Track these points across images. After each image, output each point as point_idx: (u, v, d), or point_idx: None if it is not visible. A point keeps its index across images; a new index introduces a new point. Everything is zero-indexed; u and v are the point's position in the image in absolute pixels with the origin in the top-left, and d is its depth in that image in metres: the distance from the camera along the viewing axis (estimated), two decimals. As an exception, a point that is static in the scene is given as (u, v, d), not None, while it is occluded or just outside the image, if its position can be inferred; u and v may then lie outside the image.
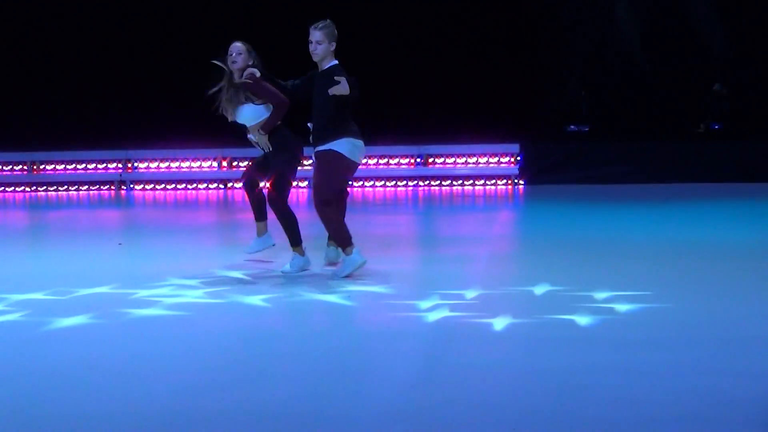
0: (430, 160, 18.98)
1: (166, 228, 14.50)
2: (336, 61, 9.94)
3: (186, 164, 19.09)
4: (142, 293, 9.16)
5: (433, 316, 8.20)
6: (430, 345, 7.46)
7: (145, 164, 19.17)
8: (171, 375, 6.74)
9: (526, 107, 19.44)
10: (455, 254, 11.29)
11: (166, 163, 19.11)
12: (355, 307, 8.84)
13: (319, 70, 9.93)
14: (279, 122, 10.21)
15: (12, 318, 8.36)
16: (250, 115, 10.23)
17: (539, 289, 9.08)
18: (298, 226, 10.19)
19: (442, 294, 8.92)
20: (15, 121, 19.85)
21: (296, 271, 10.13)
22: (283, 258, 10.29)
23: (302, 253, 10.22)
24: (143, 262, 10.95)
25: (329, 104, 9.75)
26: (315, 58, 9.92)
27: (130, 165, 19.13)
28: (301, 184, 18.32)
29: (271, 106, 10.18)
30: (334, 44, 9.92)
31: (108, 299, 8.99)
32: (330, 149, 9.84)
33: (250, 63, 10.20)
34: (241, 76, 10.15)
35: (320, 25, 9.90)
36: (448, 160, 18.97)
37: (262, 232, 10.68)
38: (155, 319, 8.30)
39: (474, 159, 18.94)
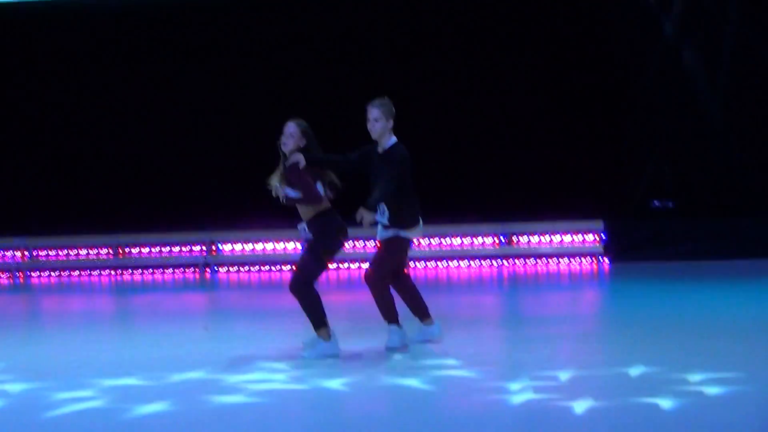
0: (514, 238, 18.84)
1: (252, 310, 14.51)
2: (395, 139, 9.98)
3: (270, 245, 19.14)
4: (231, 379, 9.15)
5: (519, 399, 8.08)
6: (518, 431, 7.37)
7: (229, 246, 19.25)
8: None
9: (609, 183, 19.29)
10: (543, 334, 11.15)
11: (250, 245, 19.18)
12: (437, 391, 8.67)
13: (379, 147, 9.95)
14: (323, 209, 9.95)
15: (100, 404, 8.39)
16: (288, 194, 10.02)
17: (634, 371, 8.90)
18: (323, 307, 9.90)
19: (531, 376, 8.80)
20: (100, 204, 20.08)
21: (318, 357, 9.83)
22: (375, 338, 10.19)
23: (328, 337, 9.93)
24: (232, 346, 10.91)
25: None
26: (373, 135, 9.97)
27: (214, 247, 19.24)
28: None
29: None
30: (391, 121, 9.96)
31: (196, 385, 9.00)
32: (407, 237, 9.91)
33: (302, 145, 9.90)
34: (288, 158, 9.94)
35: (377, 102, 9.96)
36: (532, 238, 18.81)
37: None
38: (238, 407, 8.25)
39: (558, 237, 18.77)
